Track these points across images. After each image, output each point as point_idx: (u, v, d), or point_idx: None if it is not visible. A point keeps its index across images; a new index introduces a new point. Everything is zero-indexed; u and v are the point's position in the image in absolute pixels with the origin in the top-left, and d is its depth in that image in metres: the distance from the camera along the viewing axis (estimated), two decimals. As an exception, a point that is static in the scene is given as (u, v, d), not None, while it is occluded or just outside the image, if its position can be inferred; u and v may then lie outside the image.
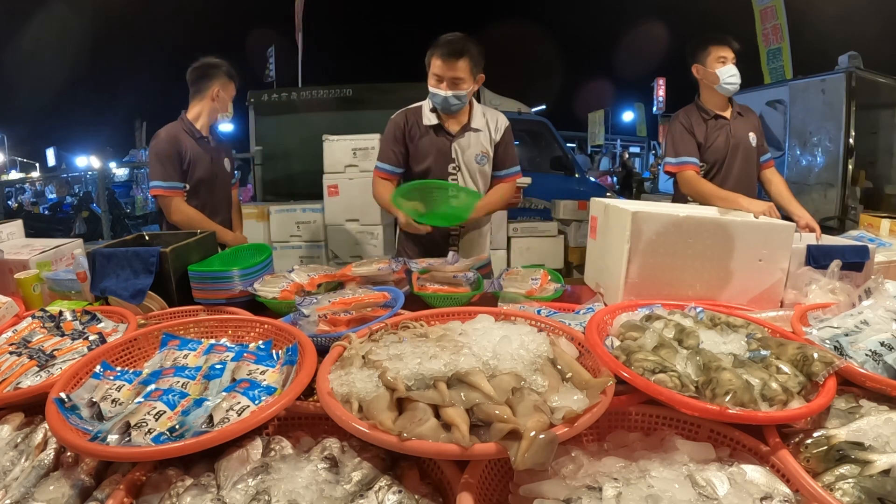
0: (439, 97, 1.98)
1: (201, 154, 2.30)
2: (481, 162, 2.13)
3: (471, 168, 2.12)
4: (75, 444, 0.78)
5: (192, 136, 2.28)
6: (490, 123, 2.14)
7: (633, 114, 21.07)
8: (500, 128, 2.15)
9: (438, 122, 2.07)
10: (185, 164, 2.25)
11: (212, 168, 2.35)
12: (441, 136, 2.08)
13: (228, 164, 2.50)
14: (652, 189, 12.84)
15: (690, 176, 2.32)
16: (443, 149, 2.08)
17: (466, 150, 2.09)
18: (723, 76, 2.28)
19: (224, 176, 2.45)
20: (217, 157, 2.40)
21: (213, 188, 2.38)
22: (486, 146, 2.13)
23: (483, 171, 2.16)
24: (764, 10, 7.89)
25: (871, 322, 1.09)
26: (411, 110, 2.13)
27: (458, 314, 1.22)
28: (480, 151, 2.11)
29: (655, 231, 1.40)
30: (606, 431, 0.94)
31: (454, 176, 2.11)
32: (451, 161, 2.09)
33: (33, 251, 1.81)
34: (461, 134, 2.09)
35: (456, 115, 2.08)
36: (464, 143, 2.09)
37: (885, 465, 0.76)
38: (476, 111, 2.12)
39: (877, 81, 5.31)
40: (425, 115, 2.08)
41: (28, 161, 21.29)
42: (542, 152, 6.30)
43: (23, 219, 2.34)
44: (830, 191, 5.17)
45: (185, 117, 2.31)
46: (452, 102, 1.98)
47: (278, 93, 5.43)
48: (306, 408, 0.96)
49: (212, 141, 2.39)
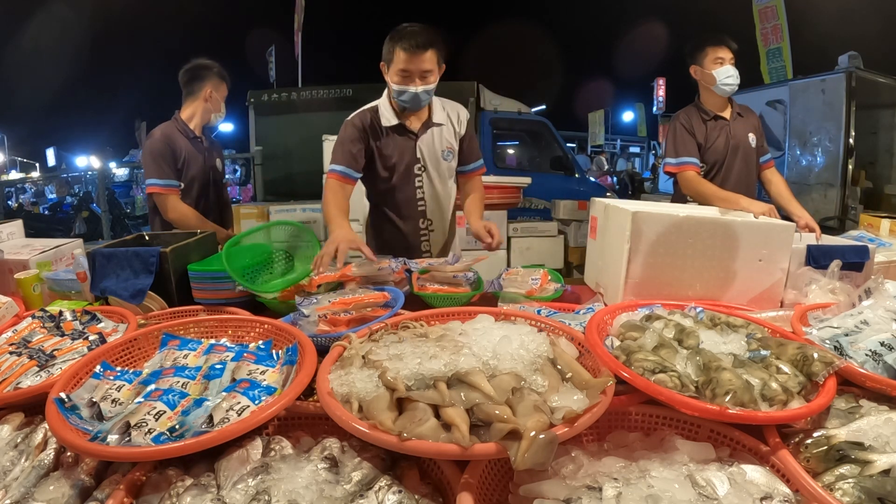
0: (409, 94, 1.83)
1: (195, 153, 2.35)
2: (447, 158, 2.03)
3: (437, 166, 2.02)
4: (75, 444, 0.78)
5: (185, 135, 2.33)
6: (451, 116, 2.02)
7: (633, 114, 21.06)
8: (462, 120, 2.05)
9: (399, 122, 1.95)
10: (179, 162, 2.30)
11: (205, 167, 2.40)
12: (404, 137, 1.97)
13: (220, 164, 2.55)
14: (652, 189, 12.83)
15: (691, 176, 2.32)
16: (407, 149, 1.97)
17: (431, 148, 1.99)
18: (720, 77, 2.28)
19: (217, 175, 2.50)
20: (209, 156, 2.45)
21: (207, 187, 2.43)
22: (451, 141, 2.02)
23: (450, 168, 2.06)
24: (763, 9, 7.89)
25: (871, 322, 1.09)
26: (368, 111, 1.98)
27: (458, 314, 1.22)
28: (446, 147, 2.01)
29: (655, 231, 1.40)
30: (606, 431, 0.94)
31: (419, 177, 2.01)
32: (416, 161, 1.99)
33: (33, 251, 1.81)
34: (424, 131, 1.97)
35: (416, 112, 1.96)
36: (427, 141, 1.98)
37: (885, 465, 0.76)
38: (436, 105, 2.00)
39: (877, 81, 5.31)
40: (384, 115, 1.95)
41: (28, 161, 21.29)
42: (542, 152, 6.31)
43: (23, 219, 2.35)
44: (830, 191, 5.18)
45: (179, 117, 2.36)
46: (424, 98, 1.85)
47: (278, 93, 5.44)
48: (306, 408, 0.96)
49: (205, 141, 2.44)
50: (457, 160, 2.09)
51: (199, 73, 2.36)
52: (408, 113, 1.97)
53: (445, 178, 2.07)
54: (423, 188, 2.05)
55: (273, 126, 5.33)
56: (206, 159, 2.42)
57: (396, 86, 1.85)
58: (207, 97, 2.36)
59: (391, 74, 1.86)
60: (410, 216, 2.08)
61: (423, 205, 2.07)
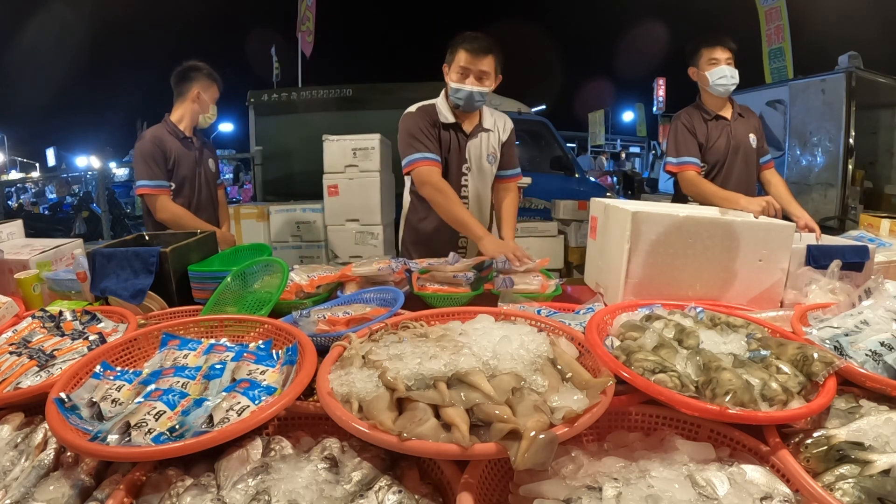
0: (464, 92, 1.94)
1: (185, 153, 2.38)
2: (491, 162, 2.15)
3: (482, 168, 2.12)
4: (75, 444, 0.78)
5: (175, 136, 2.36)
6: (498, 124, 2.16)
7: (633, 114, 21.05)
8: (506, 129, 2.18)
9: (456, 121, 2.05)
10: (169, 163, 2.33)
11: (196, 167, 2.43)
12: (458, 136, 2.07)
13: (213, 164, 2.57)
14: (652, 189, 12.83)
15: (691, 176, 2.32)
16: (458, 148, 2.07)
17: (478, 151, 2.10)
18: (712, 78, 2.30)
19: (208, 175, 2.52)
20: (201, 157, 2.48)
21: (198, 187, 2.45)
22: (495, 146, 2.14)
23: (491, 172, 2.18)
24: (769, 10, 7.89)
25: (871, 322, 1.09)
26: (427, 107, 2.07)
27: (458, 314, 1.22)
28: (490, 152, 2.13)
29: (655, 231, 1.40)
30: (606, 431, 0.94)
31: (466, 176, 2.11)
32: (464, 161, 2.09)
33: (33, 251, 1.81)
34: (474, 134, 2.09)
35: (470, 115, 2.07)
36: (476, 143, 2.09)
37: (885, 465, 0.76)
38: (486, 112, 2.14)
39: (877, 81, 5.31)
40: (441, 113, 2.05)
41: (28, 161, 21.29)
42: (542, 152, 6.30)
43: (23, 219, 2.35)
44: (830, 191, 5.17)
45: (168, 119, 2.40)
46: (477, 98, 1.96)
47: (278, 93, 5.43)
48: (306, 408, 0.96)
49: (196, 142, 2.46)
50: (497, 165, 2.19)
51: (186, 75, 2.39)
52: (463, 114, 2.06)
53: (487, 180, 2.18)
54: (468, 187, 2.14)
55: (273, 126, 5.33)
56: (198, 159, 2.45)
57: (455, 84, 1.95)
58: (195, 98, 2.39)
59: (451, 73, 1.97)
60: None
61: (466, 202, 2.15)
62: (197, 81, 2.38)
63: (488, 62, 1.93)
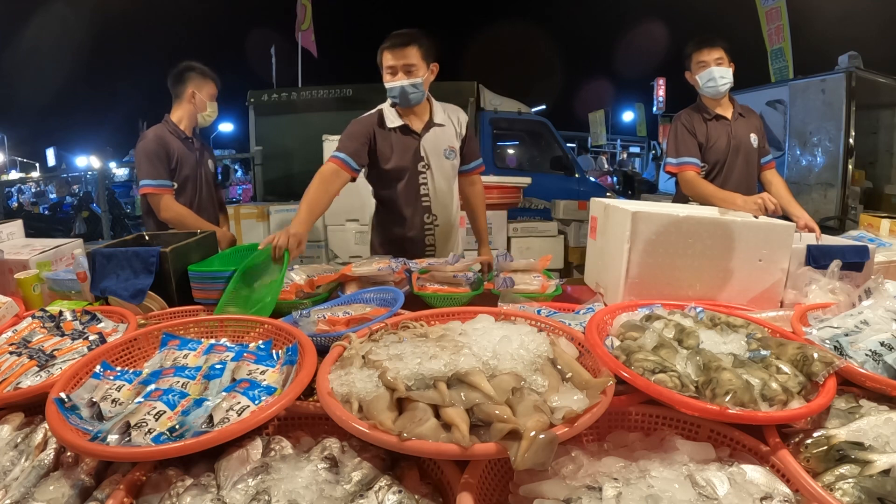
0: (396, 88, 1.95)
1: (187, 154, 2.39)
2: (450, 157, 2.13)
3: (441, 164, 2.11)
4: (75, 444, 0.78)
5: (177, 136, 2.37)
6: (452, 118, 2.14)
7: (633, 114, 21.05)
8: (462, 122, 2.16)
9: (403, 123, 2.06)
10: (172, 162, 2.33)
11: (197, 167, 2.44)
12: (408, 136, 2.07)
13: (212, 165, 2.59)
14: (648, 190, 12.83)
15: (691, 177, 2.32)
16: (411, 148, 2.07)
17: (434, 147, 2.09)
18: (702, 81, 2.33)
19: (209, 175, 2.53)
20: (201, 157, 2.49)
21: (200, 186, 2.46)
22: (453, 141, 2.13)
23: (453, 166, 2.16)
24: (769, 10, 7.88)
25: (871, 322, 1.09)
26: (375, 113, 2.10)
27: (458, 314, 1.22)
28: (448, 146, 2.12)
29: (655, 231, 1.40)
30: (606, 431, 0.94)
31: (423, 174, 2.11)
32: (420, 160, 2.09)
33: (33, 251, 1.81)
34: (426, 131, 2.08)
35: (417, 112, 2.07)
36: (431, 139, 2.08)
37: (885, 465, 0.76)
38: (436, 107, 2.12)
39: (877, 81, 5.30)
40: (388, 118, 2.06)
41: (28, 161, 21.30)
42: (542, 152, 6.30)
43: (23, 219, 2.35)
44: (830, 191, 5.17)
45: (169, 119, 2.40)
46: (410, 91, 1.96)
47: (278, 93, 5.44)
48: (306, 408, 0.96)
49: (196, 142, 2.47)
50: (459, 160, 2.18)
51: (181, 76, 2.39)
52: (409, 113, 2.06)
53: (448, 176, 2.16)
54: (427, 184, 2.13)
55: (273, 126, 5.33)
56: (199, 160, 2.46)
57: (386, 84, 1.97)
58: (190, 98, 2.39)
59: (383, 76, 1.99)
60: (416, 212, 2.15)
61: (427, 200, 2.14)
62: (191, 81, 2.38)
63: (413, 54, 1.93)
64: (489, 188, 4.02)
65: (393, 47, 1.94)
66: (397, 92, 1.97)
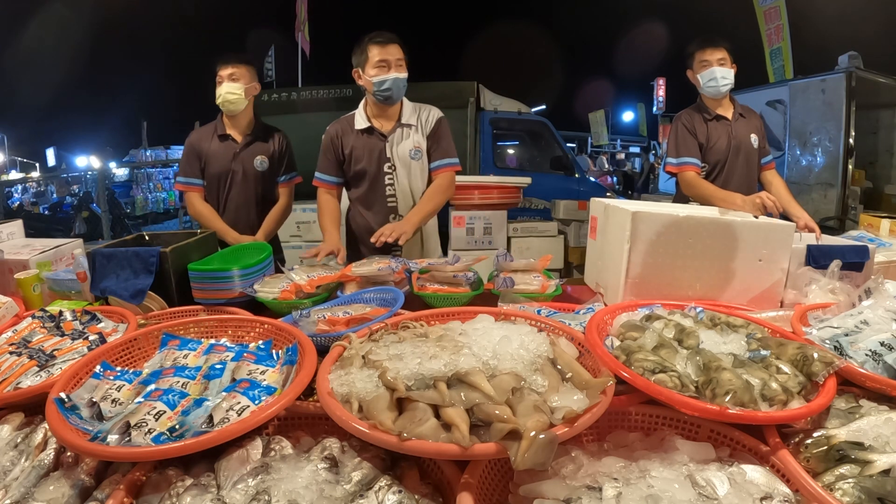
0: (389, 80, 2.00)
1: (218, 152, 2.36)
2: (415, 157, 2.14)
3: (406, 164, 2.14)
4: (75, 444, 0.78)
5: (215, 133, 2.38)
6: (421, 117, 2.16)
7: (633, 114, 21.07)
8: (430, 120, 2.16)
9: (370, 125, 2.11)
10: (202, 161, 2.37)
11: (231, 166, 2.36)
12: (374, 138, 2.12)
13: (262, 163, 2.42)
14: (652, 189, 12.83)
15: (690, 177, 2.33)
16: (376, 149, 2.12)
17: (399, 147, 2.12)
18: (703, 80, 2.32)
19: (248, 174, 2.40)
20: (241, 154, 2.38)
21: (229, 186, 2.39)
22: (419, 141, 2.14)
23: (421, 167, 2.16)
24: (768, 10, 7.88)
25: (871, 322, 1.09)
26: (343, 119, 2.18)
27: (458, 314, 1.22)
28: (413, 146, 2.13)
29: (655, 231, 1.40)
30: (606, 431, 0.94)
31: (390, 175, 2.13)
32: (385, 160, 2.12)
33: (33, 251, 1.81)
34: (393, 132, 2.12)
35: (387, 113, 2.12)
36: (397, 140, 2.12)
37: (885, 465, 0.76)
38: (406, 107, 2.15)
39: (877, 81, 5.30)
40: (357, 121, 2.13)
41: (28, 161, 21.29)
42: (542, 152, 6.30)
43: (23, 219, 2.35)
44: (830, 191, 5.17)
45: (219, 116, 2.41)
46: (402, 85, 2.02)
47: (278, 93, 5.43)
48: (306, 408, 0.96)
49: (243, 139, 2.39)
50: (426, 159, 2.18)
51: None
52: (380, 116, 2.12)
53: (417, 176, 2.18)
54: (393, 185, 2.16)
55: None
56: (236, 157, 2.36)
57: (375, 78, 2.00)
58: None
59: (368, 70, 2.03)
60: (380, 211, 2.18)
61: (393, 201, 2.17)
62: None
63: (398, 50, 2.02)
64: (489, 188, 4.02)
65: (383, 42, 2.00)
66: (391, 83, 2.00)
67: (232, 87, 2.26)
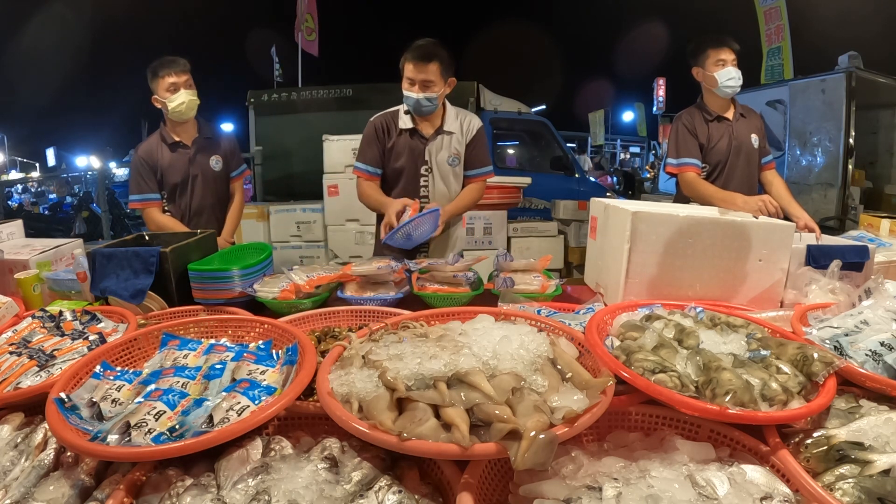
0: (412, 99, 2.04)
1: (174, 161, 2.38)
2: (453, 164, 2.19)
3: (443, 170, 2.18)
4: (75, 444, 0.78)
5: (165, 143, 2.38)
6: (463, 125, 2.20)
7: (633, 114, 21.05)
8: (471, 129, 2.21)
9: (413, 126, 2.14)
10: (157, 174, 2.37)
11: (189, 171, 2.40)
12: (415, 139, 2.15)
13: (216, 162, 2.47)
14: (652, 189, 12.84)
15: (690, 178, 2.32)
16: (416, 151, 2.15)
17: (439, 153, 2.16)
18: (721, 79, 2.28)
19: (207, 176, 2.44)
20: (196, 159, 2.41)
21: (191, 191, 2.42)
22: (458, 148, 2.19)
23: (456, 173, 2.21)
24: (768, 10, 7.88)
25: (871, 322, 1.09)
26: (388, 114, 2.20)
27: (458, 314, 1.22)
28: (452, 153, 2.18)
29: (655, 231, 1.40)
30: (606, 431, 0.94)
31: (426, 178, 2.17)
32: (423, 163, 2.15)
33: (33, 251, 1.81)
34: (434, 137, 2.15)
35: (430, 119, 2.15)
36: (436, 146, 2.15)
37: (885, 465, 0.76)
38: (449, 114, 2.18)
39: (877, 81, 5.30)
40: (401, 118, 2.15)
41: (28, 161, 21.29)
42: (542, 152, 6.30)
43: (23, 219, 2.35)
44: (830, 191, 5.17)
45: (163, 126, 2.41)
46: (424, 104, 2.04)
47: (278, 93, 5.43)
48: (306, 408, 0.96)
49: (193, 144, 2.41)
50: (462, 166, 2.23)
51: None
52: (421, 119, 2.14)
53: (451, 181, 2.22)
54: (428, 187, 2.19)
55: (273, 126, 5.33)
56: (191, 162, 2.39)
57: (404, 91, 2.05)
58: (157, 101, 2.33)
59: (403, 81, 2.06)
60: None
61: (426, 202, 2.18)
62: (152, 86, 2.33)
63: (433, 70, 2.01)
64: (489, 188, 4.01)
65: (416, 60, 2.00)
66: (412, 103, 2.05)
67: (191, 93, 2.30)
